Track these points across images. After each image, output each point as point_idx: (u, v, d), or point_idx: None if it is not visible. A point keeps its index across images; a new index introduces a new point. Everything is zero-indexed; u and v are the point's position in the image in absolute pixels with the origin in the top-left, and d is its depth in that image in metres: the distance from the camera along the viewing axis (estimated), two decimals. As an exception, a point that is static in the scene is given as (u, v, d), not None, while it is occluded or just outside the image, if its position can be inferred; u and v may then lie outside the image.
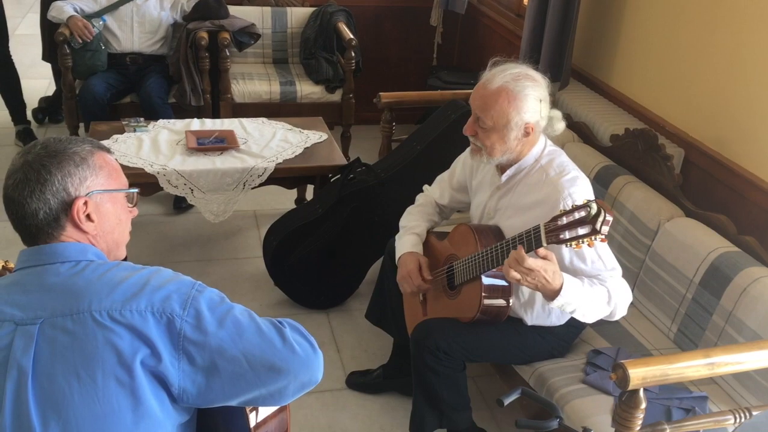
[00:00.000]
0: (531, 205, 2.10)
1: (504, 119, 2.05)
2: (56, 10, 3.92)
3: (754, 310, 2.11)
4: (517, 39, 3.85)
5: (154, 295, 1.24)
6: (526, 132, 2.08)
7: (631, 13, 3.16)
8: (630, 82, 3.19)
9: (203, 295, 1.27)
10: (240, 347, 1.24)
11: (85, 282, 1.24)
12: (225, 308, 1.27)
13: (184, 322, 1.23)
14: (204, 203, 3.17)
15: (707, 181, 2.71)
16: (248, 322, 1.27)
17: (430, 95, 3.92)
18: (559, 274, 1.90)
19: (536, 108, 2.06)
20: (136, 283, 1.25)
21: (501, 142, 2.09)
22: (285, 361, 1.26)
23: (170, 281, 1.28)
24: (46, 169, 1.29)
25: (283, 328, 1.30)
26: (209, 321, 1.24)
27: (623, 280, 2.08)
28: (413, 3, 4.84)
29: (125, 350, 1.19)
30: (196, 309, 1.24)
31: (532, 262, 1.83)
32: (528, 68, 2.12)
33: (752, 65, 2.51)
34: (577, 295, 1.95)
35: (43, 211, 1.28)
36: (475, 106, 2.11)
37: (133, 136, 3.32)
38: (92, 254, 1.32)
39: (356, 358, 2.93)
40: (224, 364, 1.24)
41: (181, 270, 1.35)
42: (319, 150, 3.39)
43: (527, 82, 2.06)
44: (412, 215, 2.48)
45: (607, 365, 2.24)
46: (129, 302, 1.22)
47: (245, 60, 4.44)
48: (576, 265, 2.03)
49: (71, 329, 1.20)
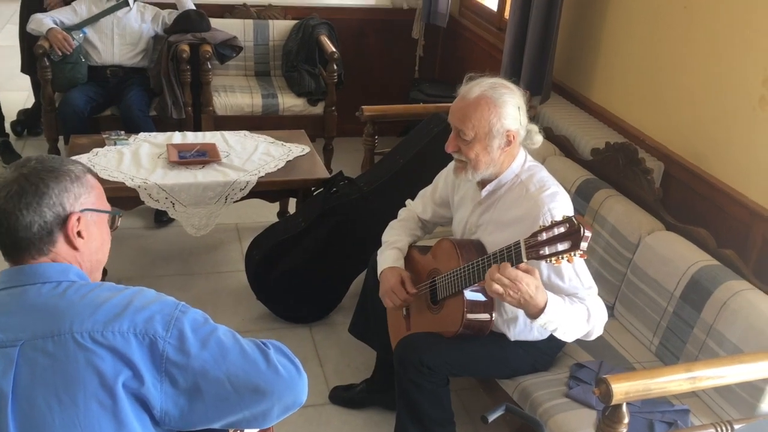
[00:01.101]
0: (512, 220, 2.11)
1: (486, 127, 2.06)
2: (35, 23, 3.89)
3: (735, 323, 2.13)
4: (498, 52, 3.88)
5: (136, 316, 1.22)
6: (508, 140, 2.09)
7: (610, 28, 3.19)
8: (610, 96, 3.22)
9: (187, 316, 1.26)
10: (223, 369, 1.23)
11: (67, 303, 1.23)
12: (208, 329, 1.26)
13: (167, 343, 1.21)
14: (185, 217, 3.15)
15: (687, 194, 2.74)
16: (232, 344, 1.26)
17: (412, 108, 3.94)
18: (543, 290, 1.90)
19: (515, 115, 2.08)
20: (118, 304, 1.24)
21: (485, 153, 2.10)
22: (269, 383, 1.25)
23: (153, 302, 1.26)
24: (44, 183, 1.28)
25: (268, 350, 1.29)
26: (192, 342, 1.23)
27: (599, 299, 2.09)
28: (395, 16, 4.87)
29: (107, 372, 1.18)
30: (179, 330, 1.23)
31: (516, 272, 1.83)
32: (502, 79, 2.14)
33: (728, 81, 2.55)
34: (559, 313, 1.95)
35: (38, 224, 1.27)
36: (454, 119, 2.12)
37: (114, 149, 3.30)
38: (74, 275, 1.30)
39: (339, 373, 2.91)
40: (207, 386, 1.22)
41: (163, 284, 1.35)
42: (301, 163, 3.39)
43: (504, 90, 2.09)
44: (394, 230, 2.48)
45: (590, 379, 2.25)
46: (111, 323, 1.21)
47: (227, 72, 4.43)
48: (554, 282, 2.03)
49: (52, 351, 1.18)
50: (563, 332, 2.01)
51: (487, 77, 2.13)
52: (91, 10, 4.00)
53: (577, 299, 2.03)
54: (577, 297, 2.04)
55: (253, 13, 4.55)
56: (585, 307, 2.02)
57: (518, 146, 2.16)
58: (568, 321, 1.98)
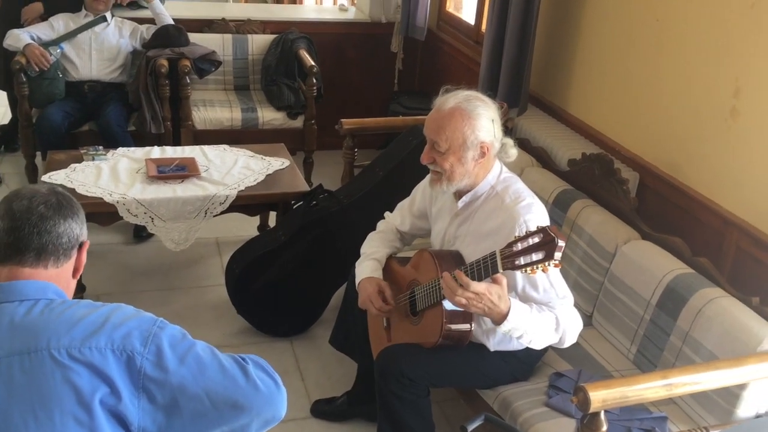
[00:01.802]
0: (489, 232, 2.13)
1: (460, 138, 2.09)
2: (12, 39, 3.88)
3: (710, 330, 2.16)
4: (476, 65, 3.92)
5: (114, 332, 1.23)
6: (482, 152, 2.11)
7: (585, 41, 3.24)
8: (586, 108, 3.26)
9: (164, 331, 1.26)
10: (201, 385, 1.24)
11: (44, 320, 1.23)
12: (186, 345, 1.26)
13: (145, 359, 1.22)
14: (165, 232, 3.14)
15: (662, 204, 2.78)
16: (210, 359, 1.26)
17: (391, 121, 3.96)
18: (506, 297, 1.94)
19: (489, 127, 2.10)
20: (95, 321, 1.24)
21: (459, 164, 2.12)
22: (247, 398, 1.26)
23: (131, 318, 1.26)
24: (77, 206, 1.36)
25: (246, 365, 1.29)
26: (170, 358, 1.23)
27: (574, 309, 2.12)
28: (374, 30, 4.90)
29: (84, 389, 1.18)
30: (157, 346, 1.23)
31: (476, 285, 1.87)
32: (477, 92, 2.16)
33: (700, 93, 2.60)
34: (524, 321, 1.98)
35: (68, 237, 1.32)
36: (429, 131, 2.15)
37: (92, 164, 3.28)
38: (52, 292, 1.30)
39: (321, 386, 2.91)
40: (185, 401, 1.23)
41: (143, 299, 1.36)
42: (281, 177, 3.39)
43: (478, 102, 2.11)
44: (373, 241, 2.49)
45: (569, 388, 2.26)
46: (88, 340, 1.21)
47: (206, 87, 4.43)
48: (528, 293, 2.07)
49: (28, 368, 1.18)
50: (529, 340, 2.04)
51: (462, 90, 2.16)
52: (68, 25, 3.99)
53: (547, 308, 2.06)
54: (548, 306, 2.06)
55: (232, 27, 4.56)
56: (554, 315, 2.05)
57: (493, 158, 2.18)
58: (533, 328, 2.01)
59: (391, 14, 4.86)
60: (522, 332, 2.00)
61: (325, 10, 6.05)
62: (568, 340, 2.10)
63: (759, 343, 2.04)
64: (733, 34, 2.45)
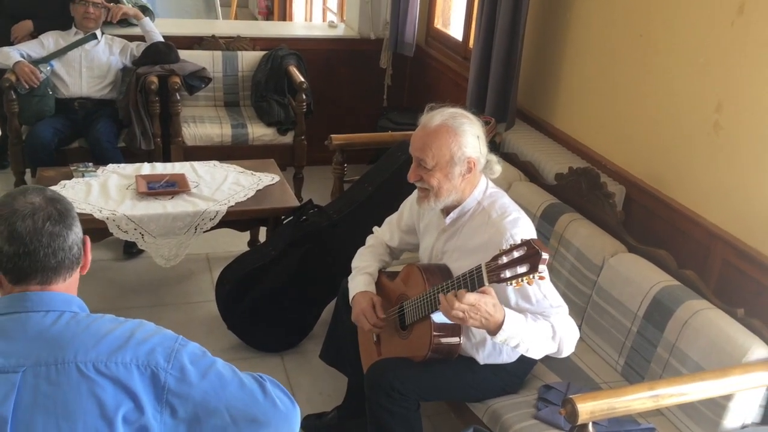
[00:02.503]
0: (476, 247, 2.15)
1: (447, 155, 2.11)
2: (2, 56, 3.89)
3: (696, 341, 2.18)
4: (464, 81, 3.96)
5: (139, 348, 1.25)
6: (468, 167, 2.14)
7: (571, 56, 3.28)
8: (572, 123, 3.30)
9: (186, 348, 1.29)
10: (223, 400, 1.27)
11: (71, 333, 1.25)
12: (208, 362, 1.30)
13: (169, 374, 1.24)
14: (155, 248, 3.15)
15: (648, 217, 2.81)
16: (231, 376, 1.30)
17: (380, 137, 3.99)
18: (500, 306, 1.94)
19: (475, 144, 2.13)
20: (120, 336, 1.26)
21: (446, 180, 2.14)
22: (266, 414, 1.29)
23: (154, 335, 1.29)
24: (71, 206, 1.34)
25: (264, 383, 1.33)
26: (193, 374, 1.26)
27: (569, 318, 2.12)
28: (363, 46, 4.94)
29: (108, 403, 1.20)
30: (180, 362, 1.26)
31: (469, 296, 1.88)
32: (462, 109, 2.19)
33: (684, 107, 2.64)
34: (519, 329, 1.98)
35: (77, 245, 1.33)
36: (415, 149, 2.17)
37: (82, 181, 3.29)
38: (76, 306, 1.33)
39: (311, 401, 2.91)
40: (206, 416, 1.25)
41: (133, 316, 1.37)
42: (271, 192, 3.41)
43: (464, 119, 2.14)
44: (364, 256, 2.51)
45: (558, 400, 2.28)
46: (114, 355, 1.23)
47: (196, 103, 4.45)
48: (521, 305, 2.08)
49: (55, 379, 1.20)
50: (526, 348, 2.03)
51: (447, 107, 2.18)
52: (58, 43, 4.01)
53: (542, 317, 2.06)
54: (543, 315, 2.07)
55: (222, 44, 4.59)
56: (549, 324, 2.05)
57: (479, 174, 2.21)
58: (529, 337, 2.01)
59: (380, 31, 4.91)
60: (518, 341, 1.99)
61: (314, 27, 6.11)
62: (566, 348, 2.09)
63: (744, 355, 2.06)
64: (714, 50, 2.50)
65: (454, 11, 4.79)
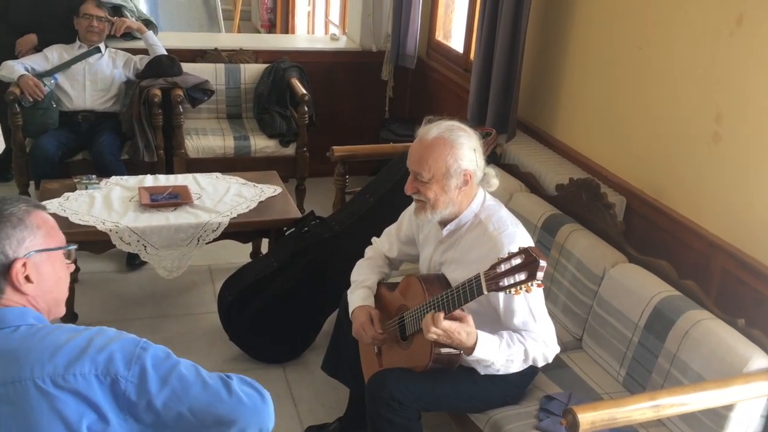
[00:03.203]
0: (473, 260, 2.16)
1: (443, 167, 2.13)
2: (7, 69, 3.92)
3: (697, 351, 2.18)
4: (465, 92, 3.98)
5: (97, 356, 1.23)
6: (465, 180, 2.15)
7: (571, 68, 3.30)
8: (572, 134, 3.32)
9: (148, 352, 1.27)
10: (186, 403, 1.25)
11: (26, 348, 1.22)
12: (170, 365, 1.27)
13: (129, 382, 1.22)
14: (157, 259, 3.16)
15: (648, 227, 2.82)
16: (194, 378, 1.28)
17: (381, 148, 4.01)
18: (474, 333, 2.03)
19: (472, 156, 2.15)
20: (78, 345, 1.23)
21: (443, 192, 2.16)
22: (232, 412, 1.28)
23: (113, 341, 1.26)
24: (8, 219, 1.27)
25: (230, 381, 1.31)
26: (154, 379, 1.24)
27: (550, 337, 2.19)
28: (364, 58, 4.97)
29: (71, 417, 1.18)
30: (140, 367, 1.24)
31: (447, 324, 1.97)
32: (459, 122, 2.21)
33: (683, 118, 2.65)
34: (491, 354, 2.09)
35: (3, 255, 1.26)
36: (412, 161, 2.18)
37: (85, 193, 3.31)
38: (32, 317, 1.29)
39: (313, 412, 2.91)
40: (171, 420, 1.24)
41: (135, 327, 1.37)
42: (273, 204, 3.42)
43: (460, 132, 2.16)
44: (363, 268, 2.52)
45: (560, 410, 2.27)
46: (72, 366, 1.21)
47: (199, 115, 4.48)
48: (507, 317, 2.15)
49: (14, 399, 1.17)
50: (497, 369, 2.15)
51: (444, 120, 2.20)
52: (62, 56, 4.04)
53: (519, 337, 2.13)
54: (525, 332, 2.14)
55: (225, 57, 4.62)
56: (523, 348, 2.13)
57: (475, 187, 2.22)
58: (501, 360, 2.11)
59: (381, 43, 4.94)
60: (490, 363, 2.12)
61: (316, 40, 6.14)
62: (540, 363, 2.22)
63: (745, 365, 2.06)
64: (713, 61, 2.51)
65: (455, 24, 4.82)
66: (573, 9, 3.25)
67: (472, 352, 2.05)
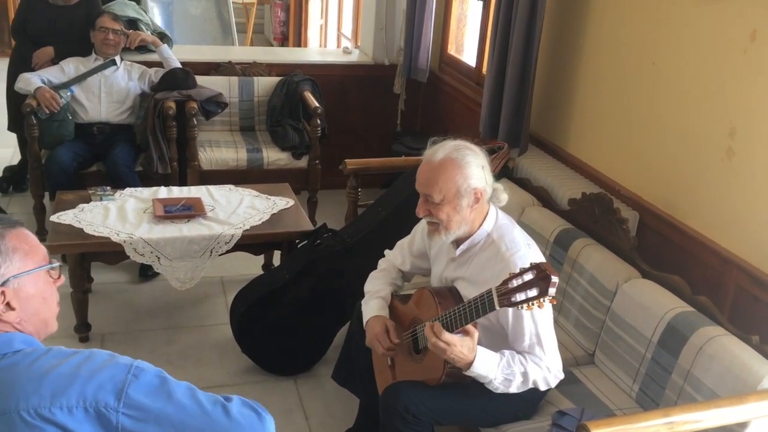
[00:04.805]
0: (486, 280, 2.15)
1: (453, 188, 2.13)
2: (24, 82, 3.97)
3: (711, 368, 2.17)
4: (477, 106, 3.99)
5: (86, 386, 1.19)
6: (476, 198, 2.16)
7: (583, 83, 3.31)
8: (585, 148, 3.32)
9: (139, 380, 1.22)
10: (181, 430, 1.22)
11: (12, 377, 1.18)
12: (165, 392, 1.24)
13: (120, 414, 1.19)
14: (170, 271, 3.18)
15: (661, 243, 2.81)
16: (190, 403, 1.24)
17: (393, 161, 4.02)
18: (475, 349, 2.04)
19: (480, 174, 2.16)
20: (64, 374, 1.19)
21: (455, 213, 2.16)
22: None
23: (103, 367, 1.22)
24: None
25: (228, 403, 1.28)
26: (148, 408, 1.20)
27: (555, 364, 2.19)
28: (377, 72, 5.00)
29: None
30: (132, 397, 1.20)
31: (449, 336, 1.99)
32: (464, 141, 2.22)
33: (697, 133, 2.65)
34: (490, 372, 2.09)
35: None
36: (421, 184, 2.19)
37: (100, 204, 3.34)
38: (19, 342, 1.25)
39: (324, 425, 2.91)
40: None
41: (148, 338, 1.35)
42: (285, 216, 3.44)
43: (467, 151, 2.17)
44: (377, 279, 2.53)
45: (572, 426, 2.26)
46: (58, 398, 1.17)
47: (212, 128, 4.51)
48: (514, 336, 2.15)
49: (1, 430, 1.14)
50: (495, 387, 2.13)
51: (449, 140, 2.21)
52: (78, 69, 4.09)
53: (519, 360, 2.13)
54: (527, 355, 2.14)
55: (239, 70, 4.66)
56: (523, 369, 2.13)
57: (486, 204, 2.23)
58: (499, 379, 2.11)
59: (393, 57, 4.96)
60: (488, 380, 2.11)
61: (329, 53, 6.18)
62: (542, 387, 2.21)
63: (759, 381, 2.05)
64: (726, 77, 2.51)
65: (468, 37, 4.83)
66: (586, 23, 3.27)
67: (469, 367, 2.06)
